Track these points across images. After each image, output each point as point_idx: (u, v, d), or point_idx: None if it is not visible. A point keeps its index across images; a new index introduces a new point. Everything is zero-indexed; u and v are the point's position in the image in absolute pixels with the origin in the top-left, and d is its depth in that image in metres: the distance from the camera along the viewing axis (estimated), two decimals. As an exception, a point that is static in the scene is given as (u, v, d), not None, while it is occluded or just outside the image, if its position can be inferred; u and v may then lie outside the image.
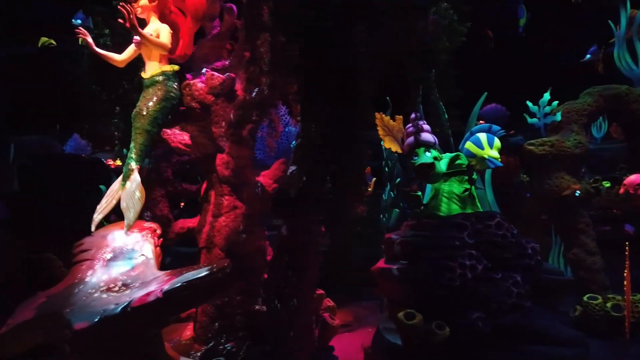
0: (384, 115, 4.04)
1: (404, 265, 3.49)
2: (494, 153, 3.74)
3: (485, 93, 5.04)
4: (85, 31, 3.95)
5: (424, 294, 3.36)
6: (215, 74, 4.06)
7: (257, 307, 3.65)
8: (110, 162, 8.27)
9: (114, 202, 3.63)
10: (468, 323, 3.16)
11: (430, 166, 3.62)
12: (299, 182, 3.43)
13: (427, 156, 3.64)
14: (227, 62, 4.42)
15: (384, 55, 3.73)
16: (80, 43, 6.61)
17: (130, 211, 3.55)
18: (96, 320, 2.73)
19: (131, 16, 3.53)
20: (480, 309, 3.21)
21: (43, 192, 5.90)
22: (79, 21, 7.86)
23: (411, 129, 3.76)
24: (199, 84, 4.02)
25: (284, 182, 4.06)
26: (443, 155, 3.81)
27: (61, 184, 6.07)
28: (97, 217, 3.65)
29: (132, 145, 3.69)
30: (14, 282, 4.22)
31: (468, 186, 3.74)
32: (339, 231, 4.10)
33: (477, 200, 3.80)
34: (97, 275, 3.35)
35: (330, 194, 3.45)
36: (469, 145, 3.83)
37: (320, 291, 3.81)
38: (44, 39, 8.59)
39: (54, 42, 8.42)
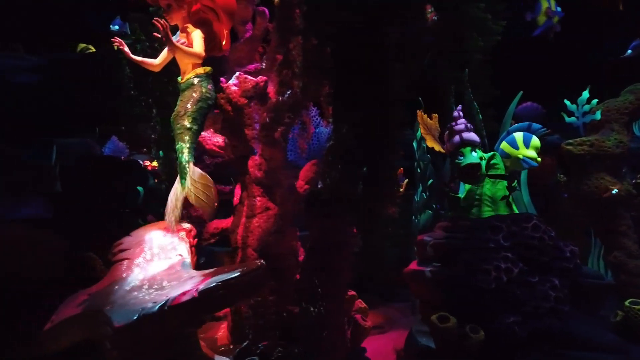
0: (423, 114, 4.00)
1: (437, 267, 3.46)
2: (531, 153, 3.65)
3: (521, 92, 4.93)
4: (121, 40, 4.09)
5: (458, 296, 3.32)
6: (248, 77, 4.12)
7: (290, 307, 3.68)
8: (147, 163, 8.49)
9: (180, 203, 3.73)
10: (503, 327, 3.10)
11: (477, 166, 3.56)
12: (331, 183, 3.43)
13: (473, 156, 3.58)
14: (259, 65, 4.49)
15: (417, 55, 3.69)
16: (117, 49, 6.84)
17: (204, 204, 3.70)
18: (135, 318, 2.82)
19: (166, 31, 3.64)
20: (516, 313, 3.15)
21: (83, 192, 6.10)
22: (116, 27, 8.10)
23: (457, 127, 3.70)
24: (232, 87, 4.10)
25: (316, 183, 4.08)
26: (485, 155, 3.74)
27: (100, 185, 6.27)
28: (170, 219, 3.76)
29: (178, 146, 3.77)
30: (57, 280, 4.39)
31: (502, 188, 3.66)
32: (371, 232, 4.09)
33: (513, 204, 3.73)
34: (136, 274, 3.47)
35: (363, 195, 3.44)
36: (504, 145, 3.75)
37: (352, 292, 3.81)
38: (82, 44, 8.91)
39: (93, 48, 8.72)
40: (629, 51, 7.18)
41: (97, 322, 3.01)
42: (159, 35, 3.71)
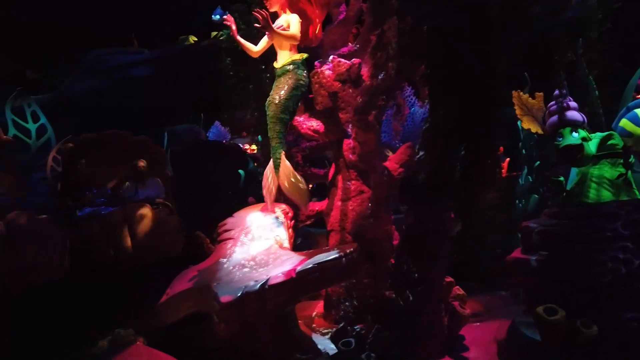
0: (521, 93, 3.72)
1: (544, 256, 3.22)
2: (657, 130, 3.24)
3: (644, 64, 4.36)
4: (232, 18, 4.25)
5: (568, 288, 3.08)
6: (342, 60, 4.12)
7: (384, 291, 3.68)
8: (247, 147, 8.93)
9: (274, 189, 3.96)
10: (620, 323, 2.84)
11: (578, 148, 3.26)
12: (427, 167, 3.34)
13: (573, 137, 3.28)
14: (353, 47, 4.45)
15: (523, 28, 3.42)
16: (219, 37, 7.18)
17: (295, 194, 3.88)
18: (239, 295, 3.01)
19: (267, 19, 3.75)
20: (636, 308, 2.85)
21: (192, 175, 6.58)
22: (217, 17, 8.54)
23: (555, 107, 3.40)
24: (326, 71, 4.12)
25: (411, 167, 4.00)
26: (592, 135, 3.40)
27: (206, 168, 6.72)
28: (267, 200, 4.02)
29: (270, 135, 3.93)
30: (175, 257, 4.81)
31: (623, 170, 3.29)
32: (470, 218, 3.92)
33: (634, 186, 3.33)
34: (238, 253, 3.69)
35: (461, 180, 3.30)
36: (624, 123, 3.36)
37: (450, 279, 3.70)
38: (186, 36, 9.50)
39: (195, 39, 9.26)
40: None
41: (206, 296, 3.26)
42: (259, 26, 3.82)
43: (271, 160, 3.99)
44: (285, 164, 3.88)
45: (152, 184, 5.36)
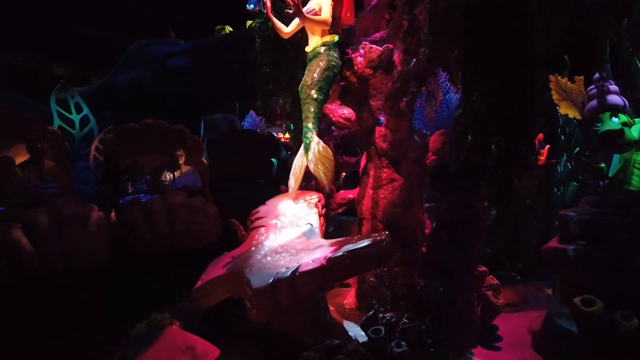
0: (559, 78, 3.58)
1: (583, 246, 3.12)
2: None
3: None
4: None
5: (608, 279, 2.97)
6: (374, 46, 4.07)
7: (416, 280, 3.66)
8: (280, 135, 9.01)
9: (302, 170, 3.81)
10: (663, 318, 2.72)
11: (618, 133, 3.13)
12: (459, 155, 3.27)
13: (614, 122, 3.15)
14: (385, 33, 4.39)
15: (562, 8, 3.27)
16: (253, 26, 7.22)
17: (322, 175, 3.69)
18: (270, 281, 3.06)
19: (297, 5, 3.74)
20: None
21: (227, 163, 6.71)
22: (251, 6, 8.60)
23: (594, 91, 3.27)
24: (358, 58, 4.08)
25: (443, 154, 3.93)
26: (636, 120, 3.24)
27: (240, 156, 6.83)
28: (292, 185, 3.85)
29: (304, 116, 3.89)
30: (213, 242, 4.95)
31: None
32: (505, 206, 3.82)
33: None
34: (271, 240, 3.75)
35: (495, 168, 3.22)
36: (672, 107, 3.19)
37: (483, 268, 3.64)
38: (222, 26, 9.61)
39: (230, 28, 9.36)
40: None
41: (239, 283, 3.34)
42: (290, 12, 3.82)
43: (302, 146, 3.93)
44: (319, 141, 3.76)
45: (189, 173, 5.51)
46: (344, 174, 6.24)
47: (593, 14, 4.00)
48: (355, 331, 3.49)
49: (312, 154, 3.72)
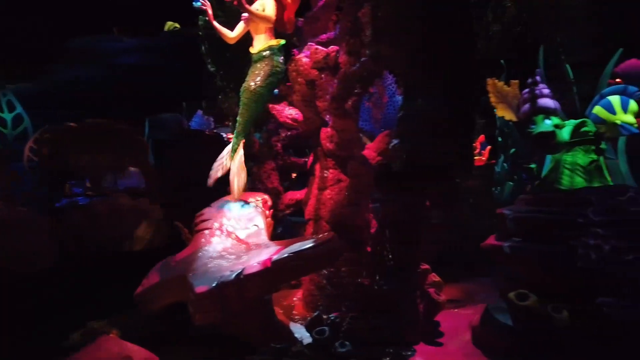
0: (496, 81, 3.73)
1: (518, 242, 3.26)
2: (629, 118, 3.28)
3: (621, 49, 4.36)
4: (209, 3, 4.22)
5: (541, 275, 3.12)
6: (319, 47, 4.08)
7: (363, 279, 3.70)
8: (230, 135, 8.84)
9: (222, 170, 4.05)
10: (592, 309, 2.87)
11: (551, 135, 3.30)
12: (402, 155, 3.34)
13: (546, 124, 3.32)
14: (332, 35, 4.41)
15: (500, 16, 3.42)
16: (200, 23, 7.09)
17: (236, 183, 3.91)
18: (214, 285, 3.00)
19: (240, 1, 3.73)
20: (608, 294, 2.89)
21: (173, 164, 6.51)
22: (198, 3, 8.42)
23: (528, 94, 3.43)
24: (303, 59, 4.09)
25: (387, 155, 3.99)
26: (566, 122, 3.42)
27: (187, 157, 6.65)
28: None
29: (238, 120, 3.93)
30: (155, 247, 4.79)
31: (595, 157, 3.33)
32: (448, 206, 3.93)
33: (606, 172, 3.37)
34: (216, 243, 3.67)
35: (436, 168, 3.31)
36: (597, 110, 3.40)
37: (426, 266, 3.73)
38: (169, 23, 9.35)
39: (178, 26, 9.14)
40: None
41: (182, 287, 3.25)
42: (235, 3, 3.81)
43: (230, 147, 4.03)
44: (240, 151, 3.99)
45: (133, 174, 5.32)
46: (293, 175, 6.22)
47: (529, 21, 4.21)
48: (301, 332, 3.48)
49: (237, 161, 3.94)
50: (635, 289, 2.84)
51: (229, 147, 4.00)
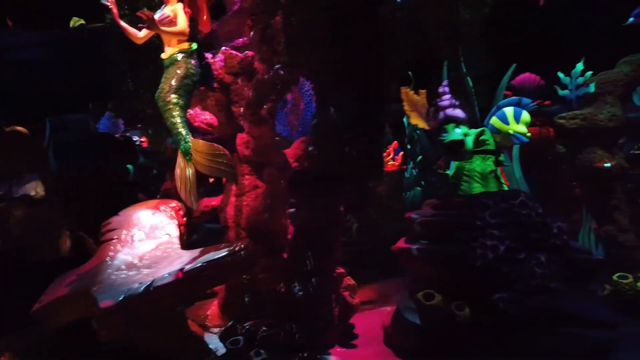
0: (409, 90, 3.92)
1: (425, 245, 3.45)
2: (521, 128, 3.59)
3: (514, 65, 4.80)
4: (113, 0, 3.99)
5: (445, 275, 3.32)
6: (234, 52, 4.04)
7: (280, 286, 3.70)
8: (143, 140, 8.43)
9: (192, 180, 3.63)
10: (490, 304, 3.11)
11: (460, 143, 3.52)
12: (316, 161, 3.40)
13: (457, 132, 3.53)
14: (248, 39, 4.38)
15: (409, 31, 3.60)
16: (107, 21, 6.71)
17: (222, 170, 3.60)
18: (121, 299, 2.85)
19: (151, 19, 3.64)
20: (504, 290, 3.14)
21: (77, 170, 6.08)
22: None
23: (441, 103, 3.64)
24: (217, 63, 4.02)
25: (304, 161, 4.04)
26: (470, 131, 3.68)
27: (92, 162, 6.24)
28: (189, 200, 3.66)
29: (169, 123, 3.69)
30: (53, 258, 4.44)
31: (492, 165, 3.62)
32: (361, 209, 4.05)
33: (502, 179, 3.68)
34: (124, 254, 3.48)
35: (349, 174, 3.41)
36: (494, 120, 3.69)
37: (341, 270, 3.82)
38: (75, 19, 8.72)
39: (84, 22, 8.54)
40: (631, 19, 6.91)
41: (85, 302, 3.04)
42: (144, 26, 3.65)
43: (179, 152, 3.71)
44: (198, 141, 3.61)
45: (30, 180, 4.90)
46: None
47: (433, 35, 4.47)
48: (216, 343, 3.41)
49: (198, 157, 3.56)
50: (526, 284, 3.12)
51: (180, 162, 3.67)
